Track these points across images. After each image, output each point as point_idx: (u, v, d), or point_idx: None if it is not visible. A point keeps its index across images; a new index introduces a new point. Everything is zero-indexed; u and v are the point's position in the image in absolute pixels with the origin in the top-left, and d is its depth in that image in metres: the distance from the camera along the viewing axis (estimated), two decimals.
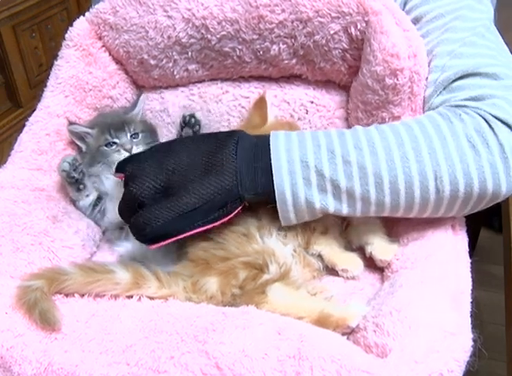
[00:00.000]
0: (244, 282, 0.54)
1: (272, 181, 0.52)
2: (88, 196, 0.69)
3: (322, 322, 0.49)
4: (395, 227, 0.61)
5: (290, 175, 0.52)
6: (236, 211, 0.54)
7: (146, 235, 0.54)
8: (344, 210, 0.53)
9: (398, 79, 0.58)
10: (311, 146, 0.53)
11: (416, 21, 0.62)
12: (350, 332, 0.49)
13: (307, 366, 0.40)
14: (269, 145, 0.54)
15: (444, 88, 0.58)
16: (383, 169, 0.52)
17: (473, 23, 0.60)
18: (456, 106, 0.56)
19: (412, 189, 0.52)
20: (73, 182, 0.67)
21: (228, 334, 0.44)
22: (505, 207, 0.82)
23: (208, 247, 0.57)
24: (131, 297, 0.52)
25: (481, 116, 0.54)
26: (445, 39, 0.60)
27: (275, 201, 0.53)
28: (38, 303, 0.48)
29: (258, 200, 0.55)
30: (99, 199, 0.70)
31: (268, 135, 0.55)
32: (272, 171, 0.52)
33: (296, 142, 0.54)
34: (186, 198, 0.53)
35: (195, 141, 0.58)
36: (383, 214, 0.55)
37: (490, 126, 0.53)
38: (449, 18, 0.61)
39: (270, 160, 0.53)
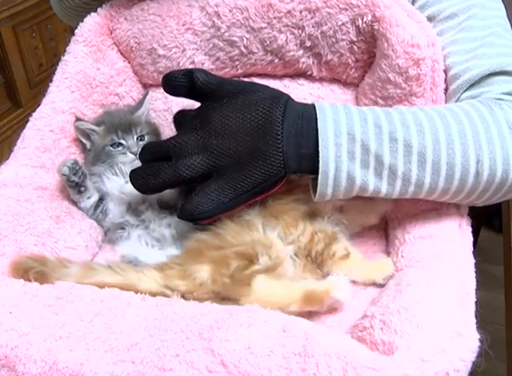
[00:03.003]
0: (234, 272, 0.53)
1: (316, 156, 0.52)
2: (89, 198, 0.69)
3: (308, 301, 0.50)
4: (402, 224, 0.61)
5: (336, 147, 0.52)
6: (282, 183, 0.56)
7: (197, 217, 0.57)
8: (383, 188, 0.53)
9: (421, 69, 0.59)
10: (358, 120, 0.53)
11: (428, 20, 0.62)
12: (337, 309, 0.51)
13: (312, 363, 0.40)
14: (315, 116, 0.53)
15: (471, 85, 0.59)
16: (428, 149, 0.52)
17: (487, 21, 0.61)
18: (490, 99, 0.57)
19: (453, 171, 0.53)
20: (73, 185, 0.67)
21: (234, 332, 0.44)
22: (505, 207, 0.82)
23: (204, 238, 0.57)
24: (136, 296, 0.52)
25: None
26: (460, 38, 0.61)
27: (315, 174, 0.53)
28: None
29: (301, 174, 0.56)
30: (100, 200, 0.69)
31: (313, 105, 0.55)
32: (317, 142, 0.52)
33: (343, 114, 0.53)
34: (237, 184, 0.55)
35: (238, 118, 0.56)
36: (419, 195, 0.55)
37: None
38: (463, 18, 0.62)
39: (315, 132, 0.52)
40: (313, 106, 0.55)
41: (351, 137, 0.52)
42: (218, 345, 0.43)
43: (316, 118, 0.53)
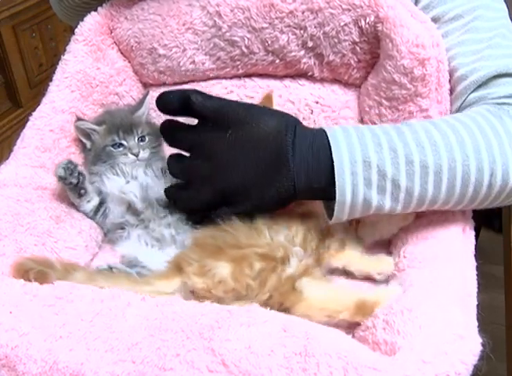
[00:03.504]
0: (262, 275, 0.53)
1: (330, 186, 0.52)
2: (89, 201, 0.68)
3: (359, 311, 0.50)
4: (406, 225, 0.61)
5: (352, 176, 0.51)
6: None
7: None
8: (398, 208, 0.54)
9: (426, 69, 0.59)
10: (372, 145, 0.52)
11: (433, 22, 0.62)
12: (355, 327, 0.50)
13: (313, 363, 0.40)
14: (328, 144, 0.53)
15: (479, 86, 0.59)
16: (444, 167, 0.52)
17: (492, 22, 0.62)
18: (498, 103, 0.58)
19: (467, 186, 0.53)
20: (72, 187, 0.67)
21: (234, 332, 0.44)
22: (505, 208, 0.82)
23: (217, 234, 0.57)
24: (136, 296, 0.52)
25: None
26: (466, 40, 0.61)
27: (327, 199, 0.54)
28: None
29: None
30: (101, 204, 0.69)
31: (323, 131, 0.54)
32: (331, 172, 0.52)
33: (356, 138, 0.53)
34: (245, 208, 0.57)
35: (245, 155, 0.55)
36: (431, 208, 0.55)
37: None
38: (468, 19, 0.62)
39: (329, 161, 0.52)
40: (324, 133, 0.54)
41: (367, 164, 0.51)
42: (219, 345, 0.43)
43: (330, 148, 0.52)
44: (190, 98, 0.55)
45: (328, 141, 0.53)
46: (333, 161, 0.51)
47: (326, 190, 0.53)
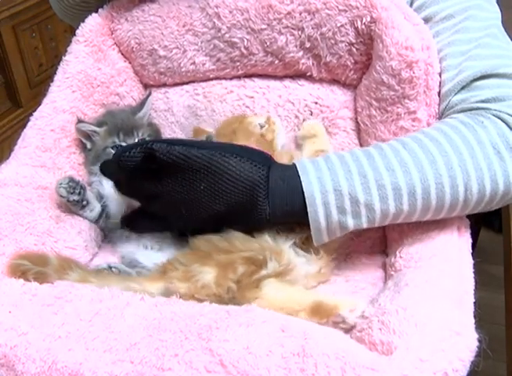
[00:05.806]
0: (241, 277, 0.54)
1: (306, 209, 0.53)
2: (92, 211, 0.69)
3: (315, 312, 0.50)
4: (400, 226, 0.61)
5: (324, 206, 0.53)
6: None
7: None
8: (375, 225, 0.55)
9: (414, 72, 0.59)
10: (343, 173, 0.53)
11: (425, 21, 0.62)
12: (350, 329, 0.50)
13: (311, 363, 0.41)
14: (299, 178, 0.53)
15: (462, 88, 0.59)
16: (417, 188, 0.53)
17: (483, 22, 0.61)
18: (477, 108, 0.57)
19: (443, 202, 0.54)
20: (74, 203, 0.67)
21: (232, 332, 0.44)
22: (505, 208, 0.82)
23: (213, 238, 0.57)
24: (135, 296, 0.52)
25: (501, 119, 0.55)
26: (456, 40, 0.61)
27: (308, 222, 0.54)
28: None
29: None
30: (103, 209, 0.69)
31: (295, 167, 0.55)
32: (304, 202, 0.53)
33: (326, 169, 0.54)
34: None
35: (221, 202, 0.55)
36: (406, 222, 0.57)
37: (511, 129, 0.55)
38: (459, 19, 0.61)
39: (302, 191, 0.53)
40: (295, 167, 0.55)
41: (339, 193, 0.52)
42: (217, 345, 0.43)
43: (301, 181, 0.53)
44: (153, 148, 0.53)
45: (298, 174, 0.54)
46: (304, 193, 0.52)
47: (302, 217, 0.54)
